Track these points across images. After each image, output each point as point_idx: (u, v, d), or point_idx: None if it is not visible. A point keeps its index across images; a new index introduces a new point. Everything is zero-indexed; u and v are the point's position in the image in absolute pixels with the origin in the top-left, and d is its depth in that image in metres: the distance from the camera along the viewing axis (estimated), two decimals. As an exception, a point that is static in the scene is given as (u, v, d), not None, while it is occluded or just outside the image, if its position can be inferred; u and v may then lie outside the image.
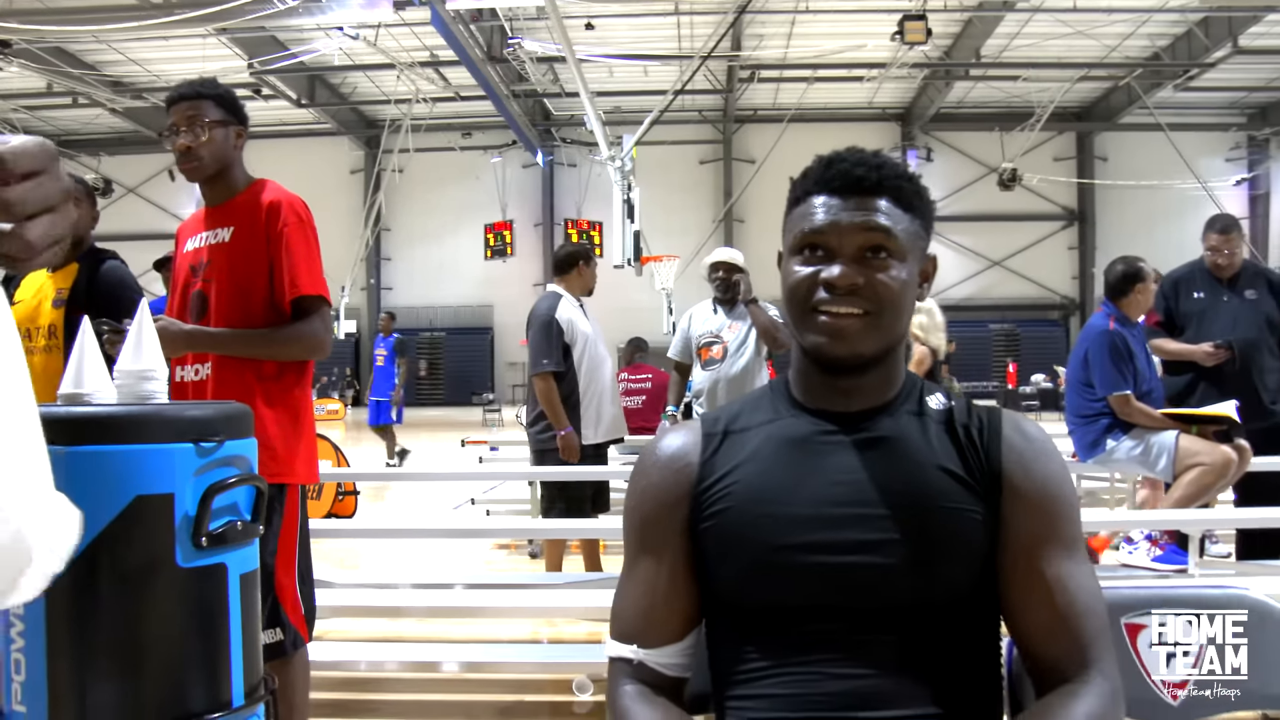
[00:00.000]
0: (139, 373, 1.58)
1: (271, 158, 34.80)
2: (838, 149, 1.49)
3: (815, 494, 1.40)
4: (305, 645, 2.93)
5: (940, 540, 1.37)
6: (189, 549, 1.45)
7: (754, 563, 1.39)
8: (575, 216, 32.96)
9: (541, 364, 5.37)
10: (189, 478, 1.47)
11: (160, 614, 1.45)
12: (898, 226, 1.43)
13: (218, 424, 1.53)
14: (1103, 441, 5.33)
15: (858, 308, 1.40)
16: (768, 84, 30.30)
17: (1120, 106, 31.41)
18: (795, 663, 1.36)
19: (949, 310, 32.50)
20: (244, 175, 3.04)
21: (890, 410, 1.47)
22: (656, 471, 1.51)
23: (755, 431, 1.50)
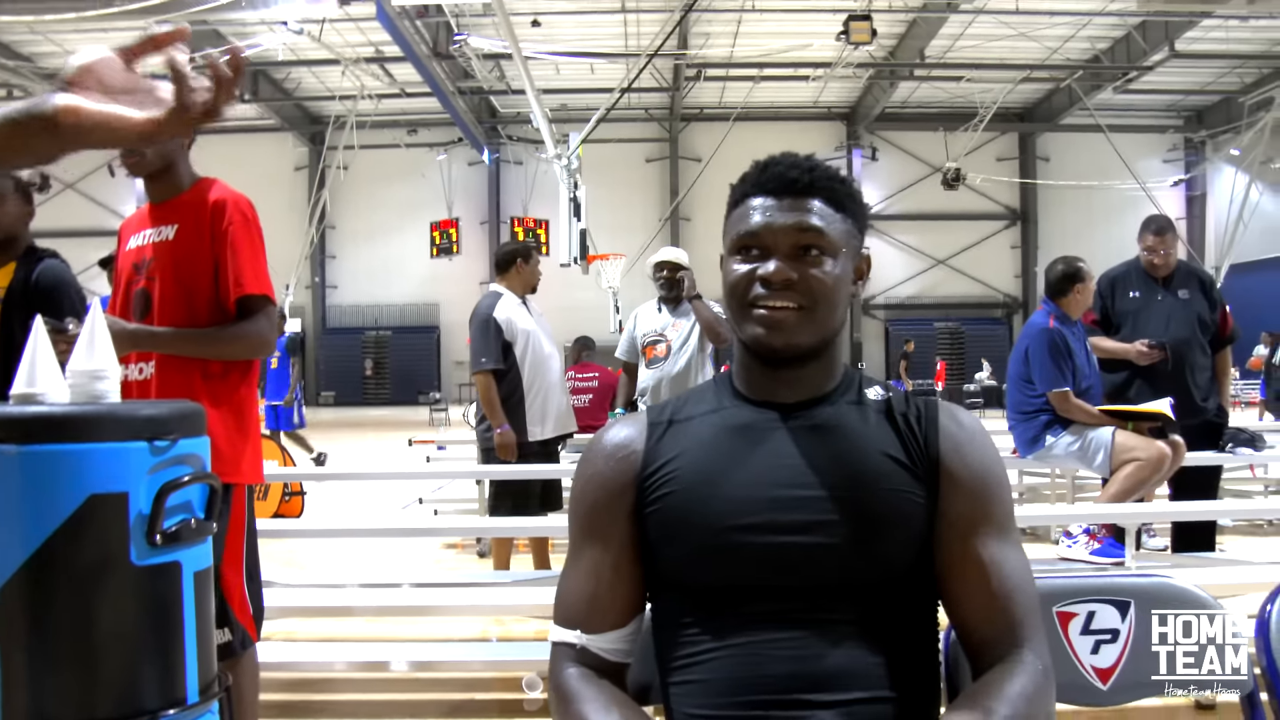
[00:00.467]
0: (91, 372, 1.58)
1: (215, 153, 34.38)
2: (774, 154, 1.55)
3: (758, 476, 1.46)
4: (254, 645, 2.93)
5: (881, 521, 1.43)
6: (143, 547, 1.46)
7: (699, 544, 1.44)
8: (522, 214, 32.88)
9: (480, 362, 5.40)
10: (143, 476, 1.47)
11: (115, 612, 1.45)
12: (829, 225, 1.51)
13: (171, 422, 1.54)
14: (1042, 437, 5.44)
15: (792, 301, 1.48)
16: (714, 83, 30.44)
17: (1061, 108, 31.94)
18: (738, 645, 1.41)
19: (894, 309, 32.80)
20: (189, 173, 3.01)
21: (830, 400, 1.54)
22: (601, 460, 1.56)
23: (699, 420, 1.56)
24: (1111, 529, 5.35)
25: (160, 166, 2.93)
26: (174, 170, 2.97)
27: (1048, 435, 5.42)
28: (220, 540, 2.77)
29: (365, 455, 14.36)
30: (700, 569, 1.45)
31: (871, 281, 26.42)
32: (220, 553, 2.77)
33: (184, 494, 1.51)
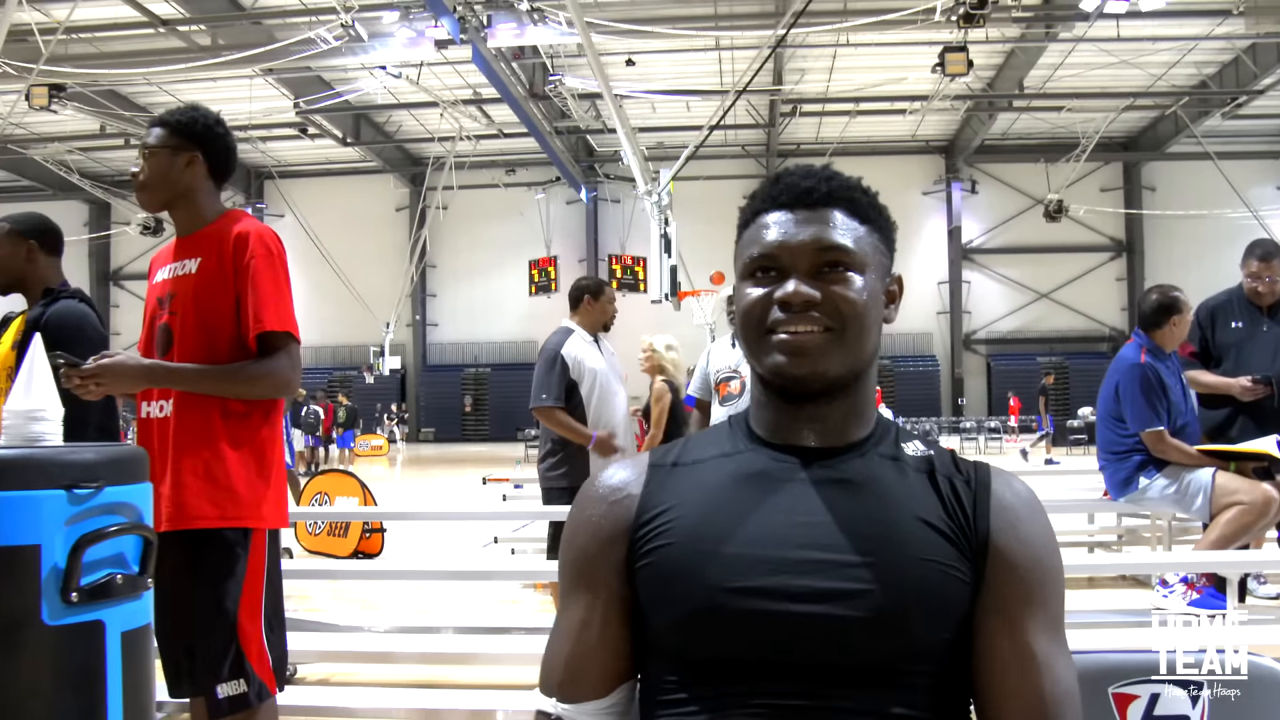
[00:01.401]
0: (27, 413, 1.47)
1: (318, 195, 35.39)
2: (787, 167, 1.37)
3: (769, 534, 1.24)
4: (272, 697, 2.80)
5: (913, 595, 1.20)
6: (57, 605, 1.33)
7: (693, 607, 1.23)
8: (619, 252, 32.92)
9: (540, 398, 5.23)
10: (59, 527, 1.35)
11: (25, 676, 1.32)
12: (853, 238, 1.30)
13: (97, 469, 1.41)
14: (1135, 479, 5.11)
15: (817, 325, 1.26)
16: (810, 118, 30.27)
17: (1167, 136, 31.07)
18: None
19: (996, 343, 32.29)
20: (214, 205, 2.92)
21: (861, 450, 1.32)
22: (594, 504, 1.37)
23: (707, 465, 1.35)
24: (1213, 578, 5.01)
25: (166, 198, 2.85)
26: (191, 202, 2.88)
27: (1141, 477, 5.09)
28: (237, 587, 2.66)
29: (454, 492, 14.31)
30: (693, 636, 1.25)
31: (972, 315, 26.00)
32: (236, 600, 2.65)
33: (112, 546, 1.38)
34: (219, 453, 2.68)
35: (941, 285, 35.43)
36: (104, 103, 25.05)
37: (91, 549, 1.35)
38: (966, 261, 35.37)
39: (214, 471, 2.65)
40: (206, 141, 2.88)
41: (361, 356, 35.72)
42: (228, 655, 2.61)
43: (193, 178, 2.85)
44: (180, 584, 2.63)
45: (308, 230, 29.99)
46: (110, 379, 2.58)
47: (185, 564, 2.62)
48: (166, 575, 2.63)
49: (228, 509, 2.65)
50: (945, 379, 35.45)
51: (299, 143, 31.83)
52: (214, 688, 2.58)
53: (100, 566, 1.38)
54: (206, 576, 2.62)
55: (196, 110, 2.92)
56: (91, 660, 1.36)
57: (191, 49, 22.05)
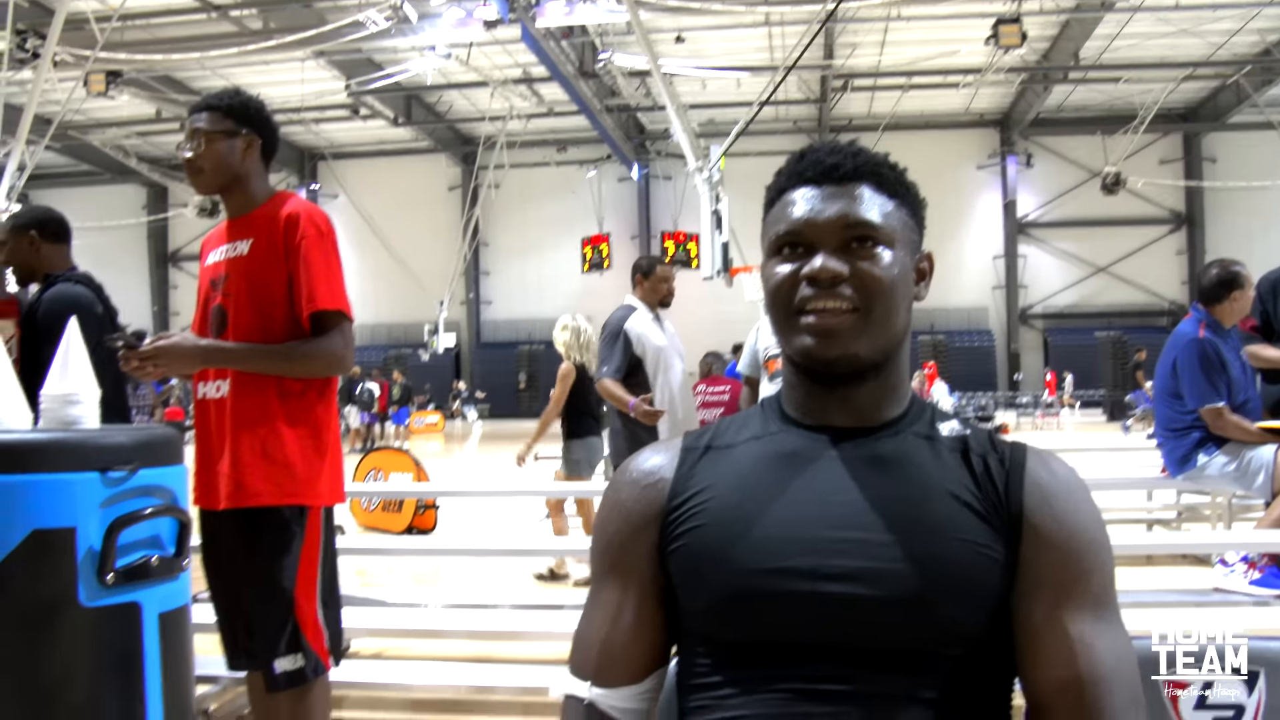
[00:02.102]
0: (63, 396, 1.48)
1: (371, 176, 35.62)
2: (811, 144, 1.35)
3: (801, 514, 1.22)
4: (327, 672, 2.83)
5: (948, 575, 1.17)
6: (94, 587, 1.34)
7: (724, 589, 1.21)
8: (671, 229, 32.85)
9: (602, 370, 5.33)
10: (94, 510, 1.35)
11: (63, 657, 1.33)
12: (881, 213, 1.27)
13: (130, 451, 1.42)
14: (1194, 456, 5.01)
15: (845, 302, 1.23)
16: (862, 93, 29.95)
17: (1229, 105, 30.41)
18: (773, 716, 1.19)
19: (1053, 318, 31.83)
20: (264, 187, 2.94)
21: (895, 429, 1.30)
22: (626, 489, 1.35)
23: (740, 448, 1.32)
24: (1275, 558, 4.90)
25: (222, 182, 2.87)
26: (246, 185, 2.90)
27: (1200, 454, 4.98)
28: (293, 564, 2.69)
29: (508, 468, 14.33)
30: (725, 619, 1.23)
31: (1028, 290, 25.65)
32: (293, 577, 2.68)
33: (148, 528, 1.39)
34: (276, 431, 2.71)
35: (997, 260, 35.02)
36: (159, 87, 25.36)
37: (127, 531, 1.35)
38: (1022, 235, 34.91)
39: (271, 450, 2.68)
40: (261, 124, 2.91)
41: (416, 335, 35.94)
42: (284, 631, 2.64)
43: (251, 161, 2.87)
44: (237, 561, 2.67)
45: (361, 210, 30.26)
46: (167, 360, 2.61)
47: (242, 541, 2.65)
48: (224, 552, 2.68)
49: (285, 486, 2.68)
50: (1001, 354, 35.07)
51: (351, 124, 32.05)
52: (271, 662, 2.62)
53: (136, 549, 1.39)
54: (263, 553, 2.65)
55: (243, 93, 2.94)
56: (128, 642, 1.37)
57: (244, 33, 22.24)
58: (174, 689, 1.42)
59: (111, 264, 30.50)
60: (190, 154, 2.82)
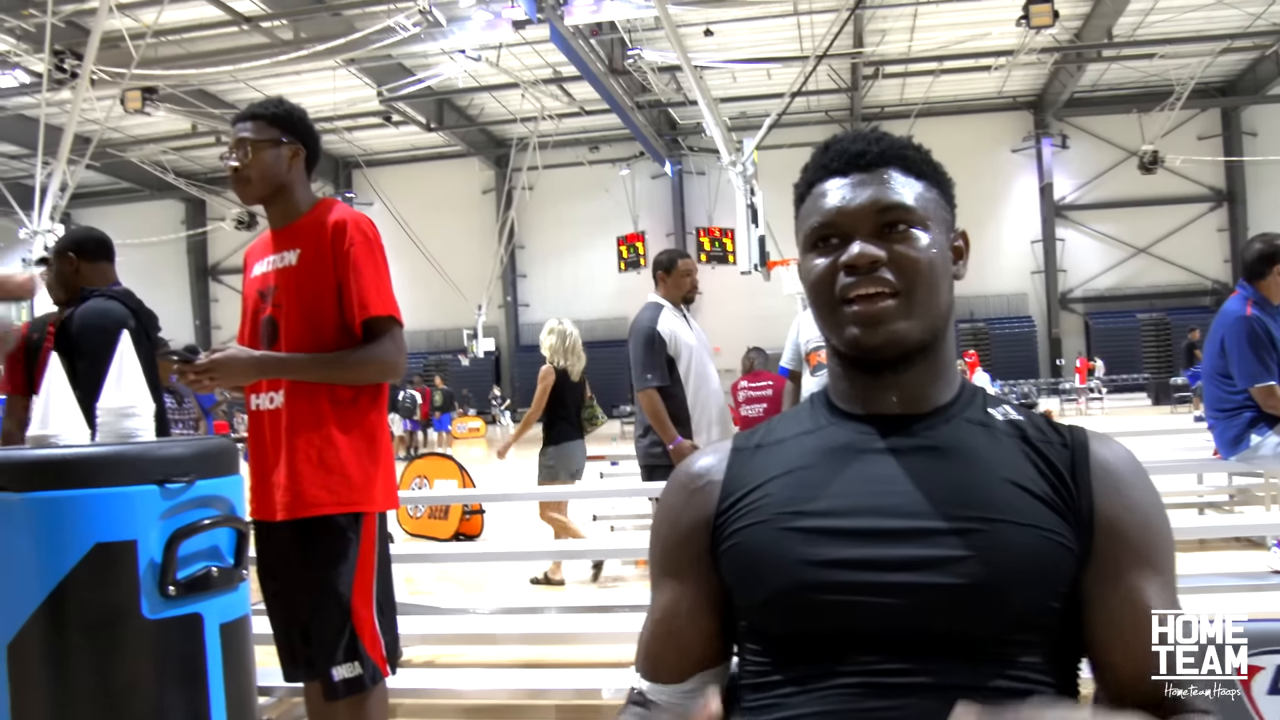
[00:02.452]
0: (119, 410, 1.49)
1: (405, 182, 35.79)
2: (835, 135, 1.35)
3: (855, 505, 1.21)
4: (384, 679, 2.84)
5: (1010, 561, 1.15)
6: (156, 599, 1.35)
7: (784, 582, 1.20)
8: (706, 224, 32.75)
9: (646, 379, 5.11)
10: (154, 522, 1.36)
11: (127, 669, 1.34)
12: (912, 195, 1.28)
13: (187, 463, 1.43)
14: (1246, 437, 4.93)
15: (886, 286, 1.23)
16: (893, 79, 29.76)
17: (1269, 77, 29.92)
18: (833, 713, 1.17)
19: (1094, 301, 31.42)
20: (308, 196, 2.96)
21: (947, 416, 1.29)
22: (676, 492, 1.36)
23: (790, 443, 1.32)
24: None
25: (268, 191, 2.89)
26: (289, 194, 2.92)
27: (1253, 434, 4.91)
28: (350, 572, 2.70)
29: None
30: (783, 614, 1.21)
31: (1068, 274, 25.37)
32: (349, 584, 2.70)
33: (207, 539, 1.40)
34: (331, 439, 2.73)
35: (1035, 244, 34.66)
36: (194, 102, 25.58)
37: (186, 542, 1.36)
38: (1060, 219, 34.54)
39: (327, 458, 2.70)
40: (305, 133, 2.93)
41: (455, 340, 36.10)
42: (342, 638, 2.65)
43: (296, 170, 2.89)
44: (294, 569, 2.68)
45: (396, 217, 30.35)
46: (223, 373, 2.63)
47: (299, 550, 2.67)
48: (280, 562, 2.69)
49: (342, 494, 2.70)
50: (1042, 340, 34.73)
51: (384, 131, 32.19)
52: (330, 670, 2.63)
53: (196, 560, 1.40)
54: (320, 561, 2.67)
55: (286, 103, 2.96)
56: (191, 652, 1.38)
57: (275, 44, 22.41)
58: (237, 699, 1.43)
59: (153, 279, 30.84)
60: (236, 163, 2.85)
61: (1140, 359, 31.56)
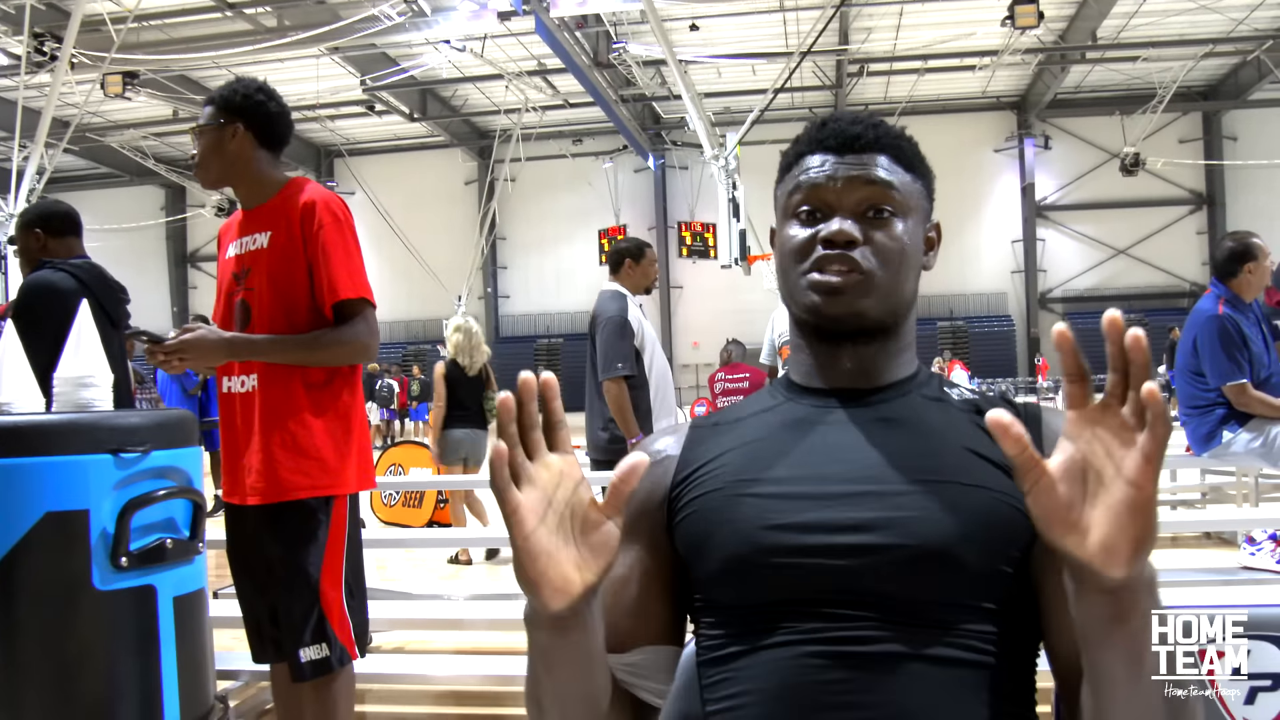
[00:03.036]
0: (76, 379, 1.47)
1: (387, 172, 35.66)
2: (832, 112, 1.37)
3: (809, 471, 1.22)
4: (352, 662, 2.83)
5: (963, 522, 1.14)
6: (107, 570, 1.33)
7: (738, 549, 1.20)
8: (688, 219, 32.75)
9: (616, 368, 4.98)
10: (107, 492, 1.34)
11: (77, 641, 1.32)
12: (899, 183, 1.31)
13: (143, 433, 1.41)
14: (1218, 433, 4.96)
15: (856, 268, 1.26)
16: (878, 77, 29.79)
17: (1250, 83, 30.05)
18: (781, 685, 1.16)
19: (1073, 301, 31.66)
20: (274, 175, 2.93)
21: (904, 391, 1.31)
22: None
23: (749, 420, 1.34)
24: (1302, 534, 4.87)
25: (224, 174, 2.88)
26: (249, 175, 2.90)
27: (1225, 431, 4.94)
28: (319, 554, 2.69)
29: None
30: (738, 582, 1.20)
31: (1047, 274, 25.49)
32: (319, 566, 2.68)
33: (162, 511, 1.38)
34: (304, 423, 2.71)
35: (1015, 244, 34.80)
36: (175, 88, 25.38)
37: (141, 513, 1.34)
38: (1040, 219, 34.69)
39: (302, 442, 2.69)
40: (247, 110, 2.90)
41: (435, 330, 35.99)
42: (310, 620, 2.64)
43: (239, 148, 2.86)
44: (264, 551, 2.67)
45: (378, 206, 30.24)
46: (193, 353, 2.60)
47: (269, 531, 2.65)
48: (250, 543, 2.68)
49: (317, 478, 2.68)
50: (1021, 339, 34.89)
51: (367, 120, 32.06)
52: (297, 652, 2.62)
53: (150, 531, 1.38)
54: (290, 543, 2.65)
55: (239, 82, 2.93)
56: (144, 625, 1.36)
57: (258, 31, 22.27)
58: (190, 673, 1.42)
59: (132, 265, 30.65)
60: (193, 152, 2.86)
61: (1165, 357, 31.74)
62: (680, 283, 36.20)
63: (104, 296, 3.89)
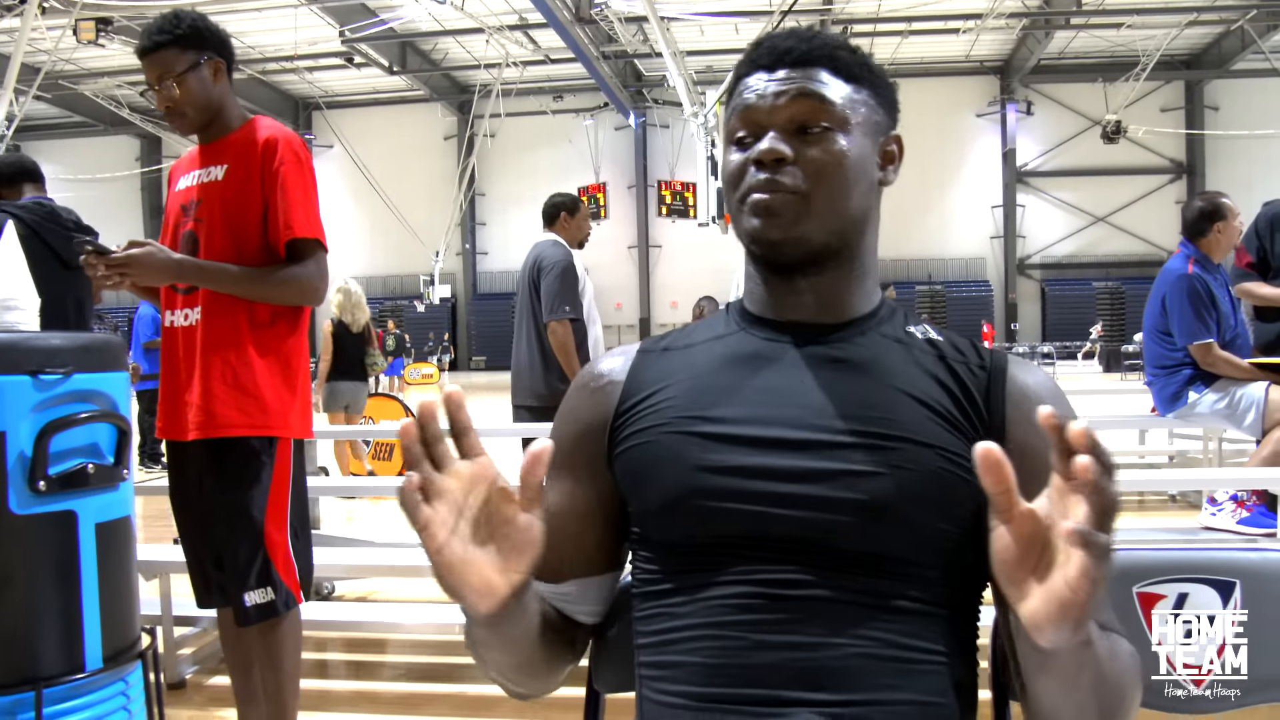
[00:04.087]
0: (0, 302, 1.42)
1: (366, 125, 35.37)
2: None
3: (756, 413, 1.16)
4: (298, 605, 2.79)
5: (909, 481, 1.10)
6: (25, 494, 1.28)
7: (679, 487, 1.15)
8: (668, 178, 32.68)
9: (564, 310, 5.04)
10: (25, 414, 1.30)
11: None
12: (833, 93, 1.20)
13: (65, 355, 1.36)
14: (1184, 394, 4.95)
15: (789, 183, 1.17)
16: (862, 38, 29.54)
17: (1233, 52, 30.09)
18: (719, 623, 1.13)
19: (1051, 268, 31.80)
20: (238, 113, 2.85)
21: (863, 329, 1.24)
22: (578, 392, 1.30)
23: (698, 348, 1.27)
24: (1263, 496, 4.87)
25: (208, 118, 2.79)
26: (230, 107, 2.82)
27: (1190, 391, 4.93)
28: (263, 496, 2.64)
29: (502, 416, 14.29)
30: (676, 519, 1.16)
31: (1027, 240, 25.47)
32: (263, 509, 2.63)
33: (85, 435, 1.33)
34: (246, 360, 2.64)
35: (995, 209, 34.86)
36: (152, 35, 25.05)
37: (61, 437, 1.30)
38: (1021, 185, 34.74)
39: (242, 379, 2.62)
40: (219, 43, 2.81)
41: (412, 285, 35.90)
42: (255, 563, 2.59)
43: (223, 84, 2.79)
44: (206, 493, 2.61)
45: (356, 160, 30.05)
46: (138, 270, 2.52)
47: (211, 472, 2.60)
48: (192, 485, 2.62)
49: (256, 417, 2.62)
50: (999, 304, 35.01)
51: (345, 72, 31.76)
52: (242, 595, 2.57)
53: (71, 456, 1.33)
54: (232, 485, 2.60)
55: (184, 14, 2.81)
56: (64, 551, 1.32)
57: (236, -23, 22.02)
58: (113, 602, 1.38)
59: (106, 217, 30.27)
60: (169, 102, 2.73)
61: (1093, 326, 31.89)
62: (659, 241, 36.16)
63: (51, 236, 3.79)
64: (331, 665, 4.01)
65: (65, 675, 1.30)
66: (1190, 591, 1.44)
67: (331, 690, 3.66)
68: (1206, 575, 1.44)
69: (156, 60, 2.72)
